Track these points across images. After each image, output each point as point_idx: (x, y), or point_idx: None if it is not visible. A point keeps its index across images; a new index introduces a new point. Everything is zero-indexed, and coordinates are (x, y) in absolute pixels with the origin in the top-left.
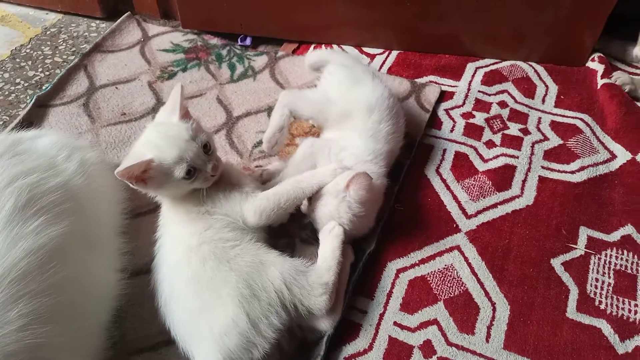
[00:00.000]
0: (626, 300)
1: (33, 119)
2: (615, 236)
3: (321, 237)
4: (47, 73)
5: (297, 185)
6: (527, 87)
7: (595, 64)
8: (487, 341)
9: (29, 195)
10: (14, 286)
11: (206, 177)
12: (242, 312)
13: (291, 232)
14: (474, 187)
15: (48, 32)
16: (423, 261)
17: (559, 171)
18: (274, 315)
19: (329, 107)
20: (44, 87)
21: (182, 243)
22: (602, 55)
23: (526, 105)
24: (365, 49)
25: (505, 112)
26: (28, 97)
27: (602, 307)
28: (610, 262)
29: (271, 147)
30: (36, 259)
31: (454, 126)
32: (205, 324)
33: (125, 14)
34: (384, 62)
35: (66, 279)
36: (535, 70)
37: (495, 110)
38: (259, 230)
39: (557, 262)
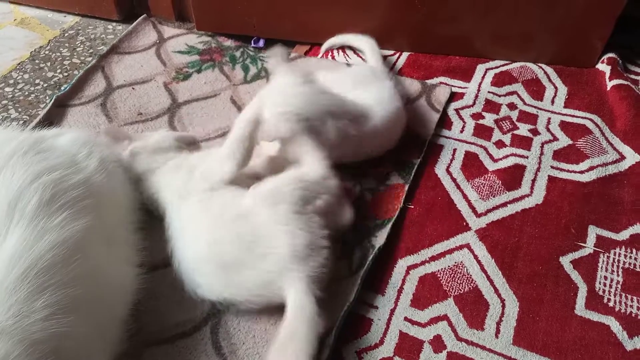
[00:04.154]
0: (635, 298)
1: (52, 119)
2: (624, 235)
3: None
4: (66, 74)
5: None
6: (536, 88)
7: (604, 66)
8: (497, 337)
9: (53, 191)
10: (40, 277)
11: None
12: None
13: None
14: (483, 186)
15: (66, 34)
16: (433, 258)
17: (568, 171)
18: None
19: None
20: (62, 88)
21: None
22: (611, 56)
23: (535, 107)
24: None
25: (514, 113)
26: (47, 97)
27: (611, 304)
28: (619, 261)
29: None
30: (60, 252)
31: (464, 126)
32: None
33: (141, 17)
34: (394, 64)
35: (88, 271)
36: (545, 72)
37: (504, 111)
38: None
39: (566, 260)
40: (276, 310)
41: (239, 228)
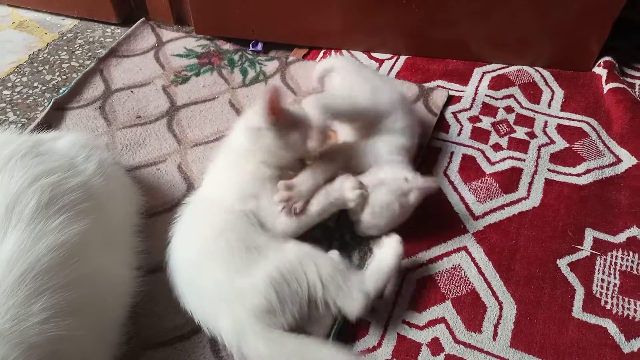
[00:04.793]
0: (632, 300)
1: (51, 122)
2: (621, 238)
3: (383, 247)
4: (64, 77)
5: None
6: (533, 91)
7: (600, 69)
8: (494, 339)
9: (51, 194)
10: (38, 280)
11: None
12: (272, 291)
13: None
14: (481, 189)
15: (65, 37)
16: (431, 261)
17: (565, 174)
18: (298, 304)
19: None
20: (61, 91)
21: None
22: (608, 60)
23: (532, 110)
24: (373, 54)
25: (511, 116)
26: (46, 100)
27: (608, 307)
28: (615, 263)
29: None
30: (58, 255)
31: (461, 129)
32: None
33: (140, 20)
34: (392, 67)
35: (86, 275)
36: (542, 75)
37: (501, 114)
38: None
39: (563, 263)
40: None
41: (238, 251)
